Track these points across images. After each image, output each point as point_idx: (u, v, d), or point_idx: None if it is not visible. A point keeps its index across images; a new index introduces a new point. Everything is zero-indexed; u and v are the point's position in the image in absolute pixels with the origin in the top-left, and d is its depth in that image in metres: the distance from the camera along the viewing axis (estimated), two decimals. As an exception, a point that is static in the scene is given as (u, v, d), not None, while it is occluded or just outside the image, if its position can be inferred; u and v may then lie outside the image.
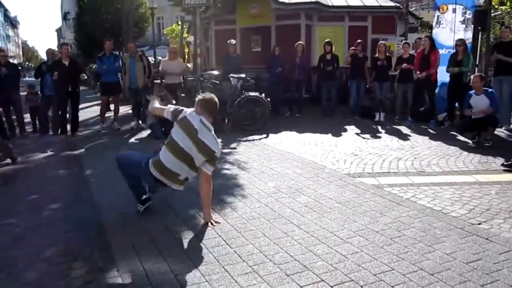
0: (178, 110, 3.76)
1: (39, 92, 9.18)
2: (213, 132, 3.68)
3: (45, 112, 8.99)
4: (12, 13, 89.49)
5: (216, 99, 3.76)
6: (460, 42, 8.23)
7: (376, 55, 9.28)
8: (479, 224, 3.52)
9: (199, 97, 3.76)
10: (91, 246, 3.27)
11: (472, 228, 3.43)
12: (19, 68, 10.89)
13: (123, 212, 3.94)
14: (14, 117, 8.42)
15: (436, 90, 8.96)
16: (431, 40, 8.81)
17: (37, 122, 9.06)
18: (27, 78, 22.42)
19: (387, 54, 9.55)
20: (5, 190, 5.04)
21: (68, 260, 3.06)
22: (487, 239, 3.22)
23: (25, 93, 9.44)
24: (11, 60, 9.75)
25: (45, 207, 4.27)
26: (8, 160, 6.19)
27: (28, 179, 5.50)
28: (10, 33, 75.47)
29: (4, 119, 8.05)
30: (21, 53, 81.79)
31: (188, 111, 3.73)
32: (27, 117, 9.00)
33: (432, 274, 2.72)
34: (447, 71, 8.35)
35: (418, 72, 8.61)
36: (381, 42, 9.69)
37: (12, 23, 79.28)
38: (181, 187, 3.75)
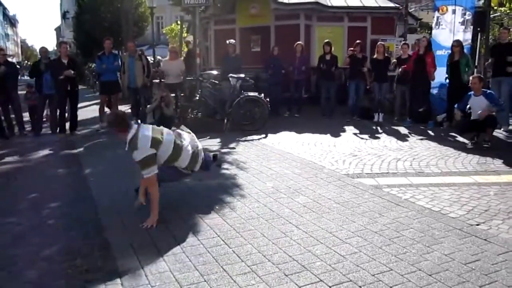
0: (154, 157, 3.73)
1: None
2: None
3: (41, 112, 8.97)
4: (11, 11, 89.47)
5: (119, 112, 4.02)
6: (456, 43, 8.23)
7: (375, 55, 9.29)
8: (477, 225, 3.54)
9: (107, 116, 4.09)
10: (91, 245, 3.28)
11: (470, 229, 3.44)
12: (18, 67, 10.83)
13: (122, 211, 3.95)
14: (12, 116, 8.42)
15: (436, 91, 8.97)
16: (428, 41, 8.81)
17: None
18: (25, 77, 22.33)
19: (386, 54, 9.55)
20: (5, 189, 5.03)
21: (68, 259, 3.07)
22: (485, 240, 3.24)
23: (24, 92, 9.42)
24: (9, 59, 9.70)
25: (45, 206, 4.28)
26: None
27: (28, 178, 5.50)
28: (9, 31, 75.30)
29: (2, 118, 8.05)
30: (20, 52, 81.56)
31: (164, 142, 3.76)
32: (26, 116, 8.99)
33: (430, 275, 2.73)
34: (447, 75, 8.37)
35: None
36: (380, 42, 9.70)
37: (11, 21, 79.11)
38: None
